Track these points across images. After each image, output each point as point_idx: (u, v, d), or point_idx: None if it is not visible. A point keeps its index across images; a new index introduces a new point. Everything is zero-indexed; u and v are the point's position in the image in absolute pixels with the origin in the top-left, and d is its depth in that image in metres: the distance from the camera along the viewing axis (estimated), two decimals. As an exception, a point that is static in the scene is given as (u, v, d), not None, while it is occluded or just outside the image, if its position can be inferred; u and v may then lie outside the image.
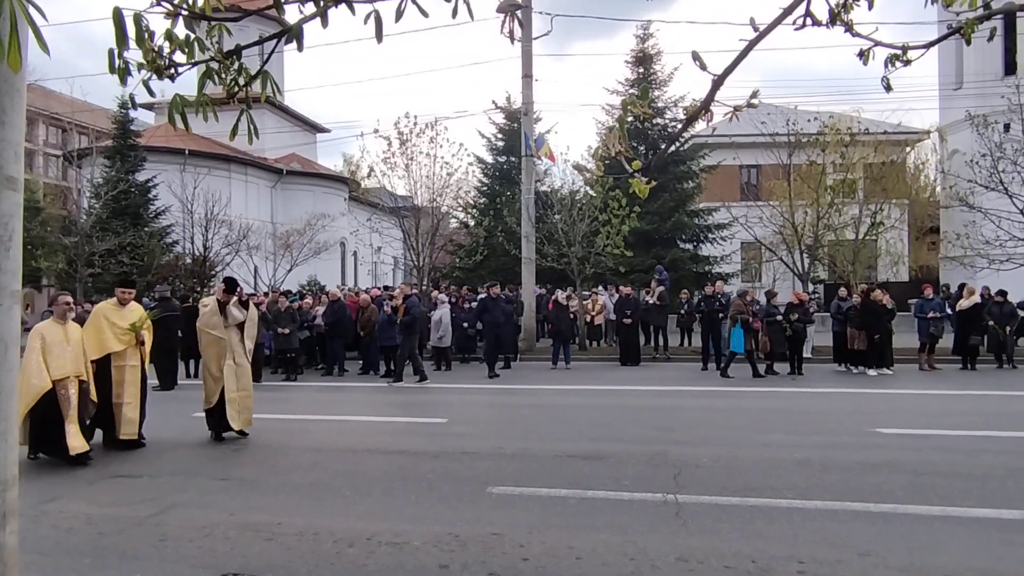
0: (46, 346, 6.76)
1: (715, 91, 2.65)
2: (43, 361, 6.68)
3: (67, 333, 7.01)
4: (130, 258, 23.65)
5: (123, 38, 2.12)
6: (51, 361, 6.72)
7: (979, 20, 2.65)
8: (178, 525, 5.09)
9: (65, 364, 6.84)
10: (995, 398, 11.10)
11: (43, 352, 6.72)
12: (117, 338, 7.60)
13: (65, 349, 6.88)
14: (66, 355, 6.86)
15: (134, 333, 7.68)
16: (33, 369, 6.63)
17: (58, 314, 7.10)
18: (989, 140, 17.92)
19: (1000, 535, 4.74)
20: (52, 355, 6.75)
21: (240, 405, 8.15)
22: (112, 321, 7.67)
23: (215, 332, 8.10)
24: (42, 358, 6.69)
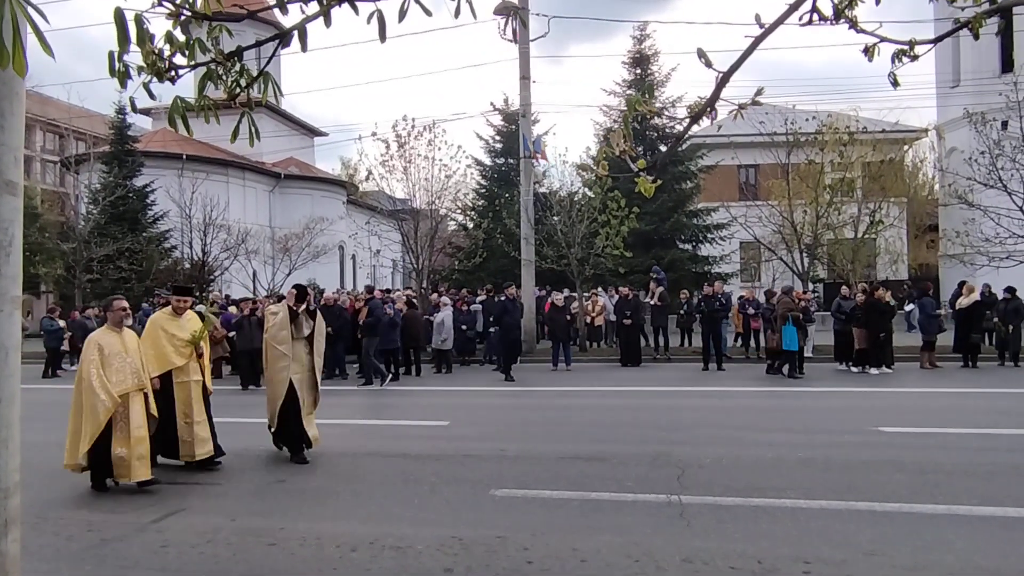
0: (104, 358, 6.05)
1: (721, 88, 2.63)
2: (103, 375, 5.98)
3: (124, 342, 6.28)
4: (128, 264, 23.64)
5: (125, 39, 2.11)
6: (111, 374, 6.01)
7: (987, 15, 2.64)
8: (180, 531, 5.07)
9: (126, 377, 6.13)
10: (997, 395, 11.09)
11: (101, 365, 6.01)
12: (178, 351, 6.85)
13: (124, 360, 6.17)
14: (126, 367, 6.16)
15: (194, 345, 6.95)
16: (97, 385, 5.93)
17: (113, 321, 6.35)
18: (987, 137, 17.91)
19: (1006, 533, 4.73)
20: (111, 368, 6.04)
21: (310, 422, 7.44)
22: (171, 333, 6.89)
23: (282, 347, 7.24)
24: (100, 372, 5.98)
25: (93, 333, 6.39)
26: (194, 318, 7.13)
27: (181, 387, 6.84)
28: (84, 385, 5.95)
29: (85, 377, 5.96)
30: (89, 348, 6.11)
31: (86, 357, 6.05)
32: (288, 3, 2.24)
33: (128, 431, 6.05)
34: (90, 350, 6.08)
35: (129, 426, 6.06)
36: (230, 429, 9.31)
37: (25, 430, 3.34)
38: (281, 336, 7.22)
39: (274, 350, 7.28)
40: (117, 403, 5.95)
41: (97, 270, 23.33)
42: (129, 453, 6.03)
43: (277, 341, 7.25)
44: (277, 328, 7.27)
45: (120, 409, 6.02)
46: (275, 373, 7.28)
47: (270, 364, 7.37)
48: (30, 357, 18.61)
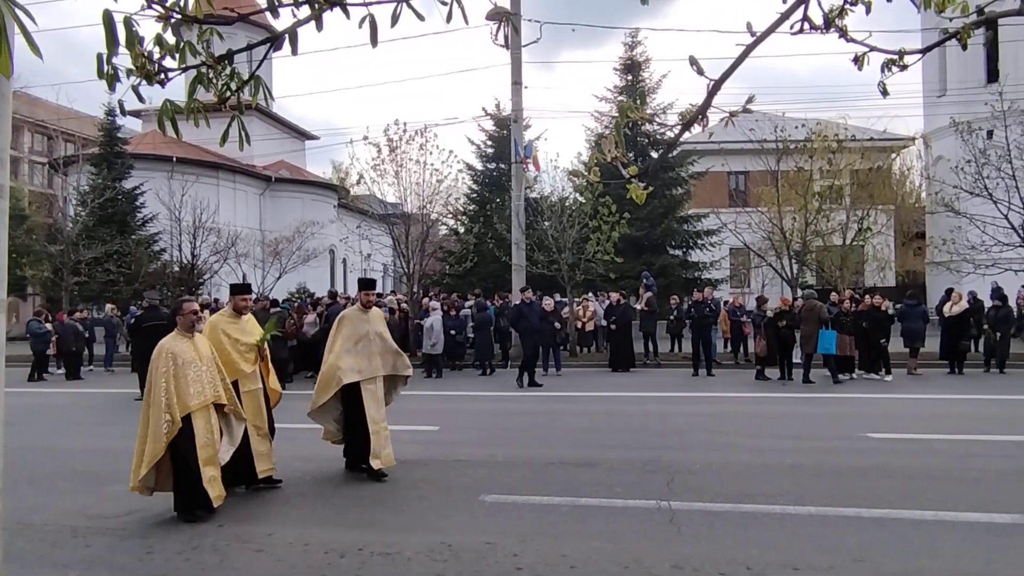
0: (177, 368, 5.35)
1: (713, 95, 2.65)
2: (173, 389, 5.31)
3: (197, 348, 5.58)
4: (117, 266, 23.48)
5: (113, 41, 2.09)
6: (186, 386, 5.34)
7: (974, 26, 2.67)
8: (166, 537, 5.02)
9: (203, 388, 5.44)
10: (983, 402, 11.18)
11: (174, 377, 5.32)
12: (243, 357, 6.10)
13: (199, 369, 5.48)
14: (202, 376, 5.46)
15: (259, 350, 6.26)
16: (164, 402, 5.26)
17: (185, 326, 5.59)
18: (973, 146, 18.13)
19: (992, 539, 4.76)
20: (186, 378, 5.35)
21: (383, 438, 6.71)
22: (234, 337, 6.11)
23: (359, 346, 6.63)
24: (173, 385, 5.31)
25: (164, 340, 5.54)
26: (251, 319, 6.47)
27: (250, 396, 6.16)
28: (152, 399, 5.33)
29: (155, 392, 5.33)
30: (161, 358, 5.38)
31: (157, 368, 5.36)
32: (279, 7, 2.24)
33: (209, 449, 5.45)
34: (162, 360, 5.36)
35: (210, 443, 5.46)
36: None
37: (10, 435, 3.30)
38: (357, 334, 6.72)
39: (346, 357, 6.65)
40: (179, 425, 5.26)
41: (85, 273, 23.15)
42: (215, 472, 5.46)
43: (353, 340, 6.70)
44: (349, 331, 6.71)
45: (199, 424, 5.40)
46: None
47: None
48: (16, 360, 18.43)
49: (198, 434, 5.37)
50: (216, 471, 5.51)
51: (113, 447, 8.39)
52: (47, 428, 10.03)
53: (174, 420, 5.24)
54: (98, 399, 13.31)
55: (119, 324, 19.09)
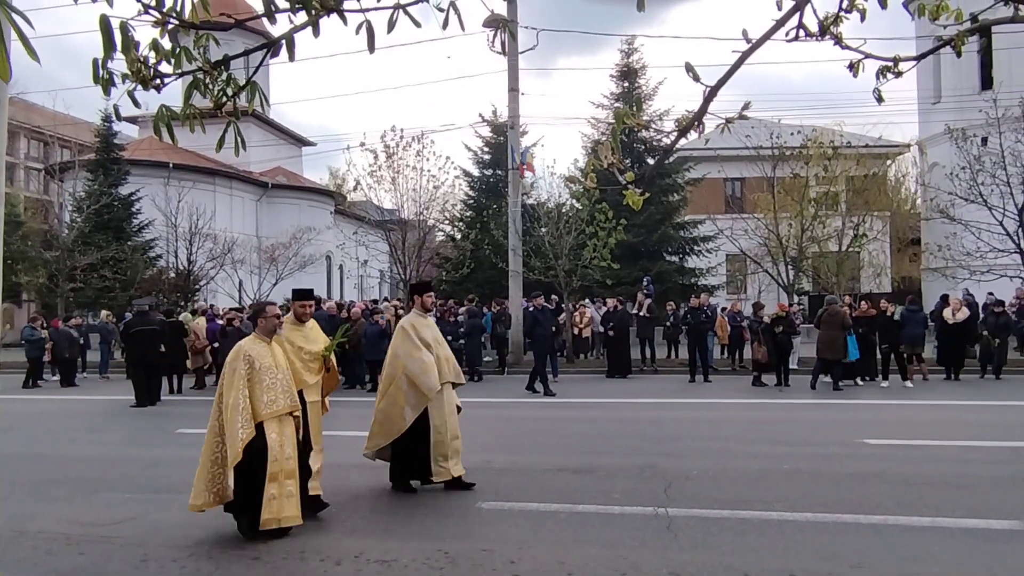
0: (255, 374, 5.00)
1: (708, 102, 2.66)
2: (250, 395, 4.96)
3: (274, 354, 5.22)
4: (112, 272, 23.42)
5: (110, 46, 2.09)
6: (261, 393, 4.98)
7: (968, 33, 2.69)
8: (161, 545, 4.99)
9: (277, 396, 5.05)
10: (980, 408, 11.19)
11: (251, 382, 4.99)
12: (306, 367, 5.64)
13: (275, 376, 5.10)
14: (277, 384, 5.08)
15: (323, 359, 5.78)
16: (241, 408, 4.89)
17: (265, 330, 5.27)
18: (968, 153, 18.24)
19: (990, 545, 4.76)
20: (262, 384, 5.00)
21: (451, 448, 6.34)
22: (297, 345, 5.64)
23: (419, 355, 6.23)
24: (249, 391, 4.96)
25: (242, 343, 5.23)
26: (315, 326, 6.05)
27: (312, 409, 5.74)
28: (228, 402, 4.94)
29: (231, 394, 4.94)
30: (237, 361, 5.03)
31: (234, 370, 4.99)
32: (276, 13, 2.24)
33: (280, 463, 4.99)
34: (238, 363, 5.02)
35: (280, 457, 5.01)
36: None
37: (3, 441, 3.29)
38: (416, 342, 6.30)
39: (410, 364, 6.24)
40: (252, 435, 4.88)
41: (80, 279, 23.08)
42: (279, 490, 4.98)
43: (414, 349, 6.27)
44: (409, 338, 6.32)
45: (273, 436, 4.97)
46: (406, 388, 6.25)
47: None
48: (11, 367, 18.36)
49: (269, 446, 4.95)
50: (285, 488, 5.00)
51: (108, 454, 8.36)
52: (41, 435, 9.98)
53: (250, 431, 4.87)
54: (93, 406, 13.25)
55: (114, 330, 19.03)
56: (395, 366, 6.29)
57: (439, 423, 6.24)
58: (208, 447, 5.05)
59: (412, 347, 6.25)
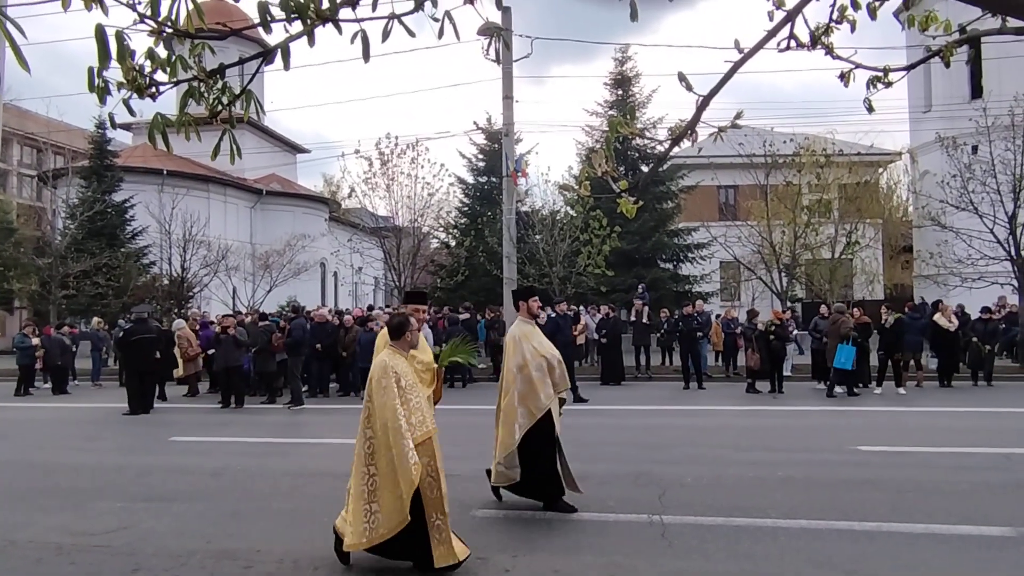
0: (401, 391, 4.46)
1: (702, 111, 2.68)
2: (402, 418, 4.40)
3: (414, 369, 4.78)
4: (105, 279, 23.31)
5: (105, 55, 2.10)
6: (410, 414, 4.45)
7: (957, 44, 2.73)
8: (153, 554, 4.95)
9: (425, 418, 4.55)
10: (972, 414, 11.24)
11: (401, 400, 4.44)
12: (419, 377, 5.05)
13: (420, 394, 4.63)
14: (422, 403, 4.61)
15: (437, 370, 5.29)
16: (402, 426, 4.34)
17: (407, 343, 4.78)
18: (958, 161, 18.39)
19: (982, 552, 4.77)
20: (409, 405, 4.47)
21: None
22: (411, 354, 5.17)
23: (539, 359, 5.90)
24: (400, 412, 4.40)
25: (383, 358, 4.67)
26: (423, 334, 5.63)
27: None
28: (385, 427, 4.36)
29: (385, 418, 4.37)
30: (387, 378, 4.47)
31: (384, 388, 4.45)
32: (272, 22, 2.25)
33: (436, 489, 4.52)
34: (388, 380, 4.46)
35: (436, 483, 4.53)
36: (210, 448, 9.19)
37: (-6, 450, 3.27)
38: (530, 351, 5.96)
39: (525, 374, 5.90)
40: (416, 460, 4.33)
41: (73, 286, 22.97)
42: (444, 520, 4.50)
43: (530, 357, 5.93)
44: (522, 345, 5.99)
45: (426, 460, 4.45)
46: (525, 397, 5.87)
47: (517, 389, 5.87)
48: (2, 374, 18.24)
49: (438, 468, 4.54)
50: (447, 517, 4.52)
51: (100, 462, 8.30)
52: (32, 443, 9.91)
53: (416, 457, 4.32)
54: (84, 414, 13.17)
55: (106, 337, 18.93)
56: (507, 380, 5.91)
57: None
58: (357, 478, 4.46)
59: (523, 360, 5.89)
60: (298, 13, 2.17)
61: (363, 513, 4.35)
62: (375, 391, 4.49)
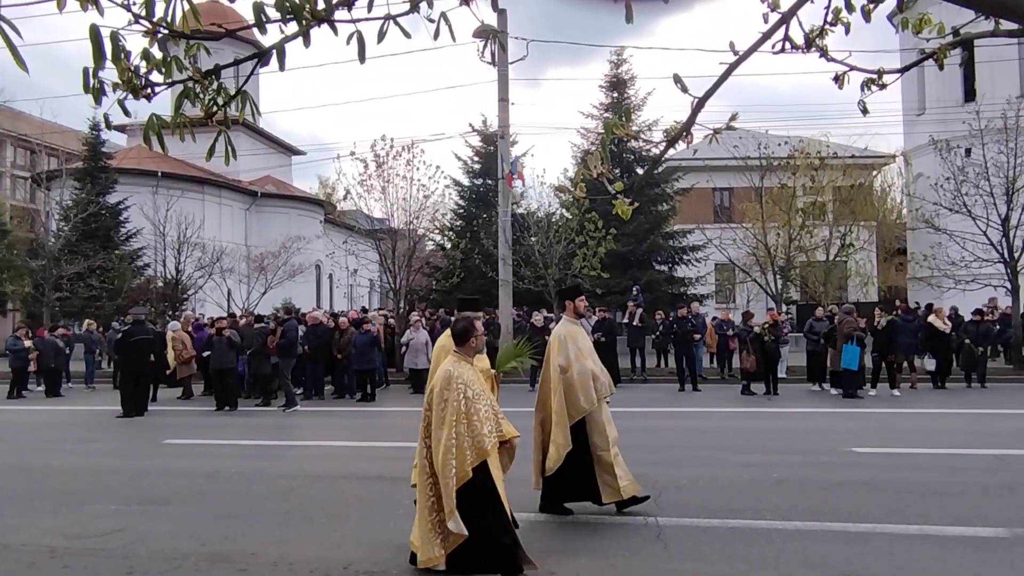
0: (469, 403, 4.34)
1: (697, 113, 2.69)
2: (465, 430, 4.30)
3: (479, 376, 4.64)
4: (99, 282, 23.20)
5: (100, 56, 2.09)
6: (479, 424, 4.33)
7: (951, 47, 2.74)
8: (147, 557, 4.93)
9: (493, 425, 4.48)
10: (966, 416, 11.29)
11: (467, 414, 4.32)
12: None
13: (487, 402, 4.52)
14: (491, 413, 4.51)
15: (494, 376, 5.30)
16: (453, 444, 4.26)
17: (472, 350, 4.65)
18: (952, 164, 18.46)
19: (977, 553, 4.79)
20: (479, 415, 4.35)
21: (621, 465, 5.77)
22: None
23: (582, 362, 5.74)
24: (465, 426, 4.31)
25: (449, 367, 4.50)
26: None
27: None
28: (438, 442, 4.29)
29: (440, 435, 4.29)
30: (450, 391, 4.34)
31: (445, 402, 4.33)
32: (267, 23, 2.25)
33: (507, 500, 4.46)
34: (452, 393, 4.33)
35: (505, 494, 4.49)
36: (204, 451, 9.15)
37: (-13, 453, 3.25)
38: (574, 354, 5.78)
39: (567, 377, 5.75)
40: (468, 476, 4.25)
41: (67, 288, 22.85)
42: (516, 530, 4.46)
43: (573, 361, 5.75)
44: (567, 346, 5.81)
45: (497, 471, 4.46)
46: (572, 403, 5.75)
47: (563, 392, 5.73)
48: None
49: (498, 481, 4.39)
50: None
51: (94, 465, 8.26)
52: (25, 446, 9.86)
53: (461, 468, 4.22)
54: (78, 416, 13.11)
55: (100, 340, 18.84)
56: (553, 381, 5.73)
57: (599, 440, 5.77)
58: (423, 490, 4.41)
59: (567, 361, 5.73)
60: (294, 14, 2.17)
61: (433, 526, 4.31)
62: (435, 405, 4.38)
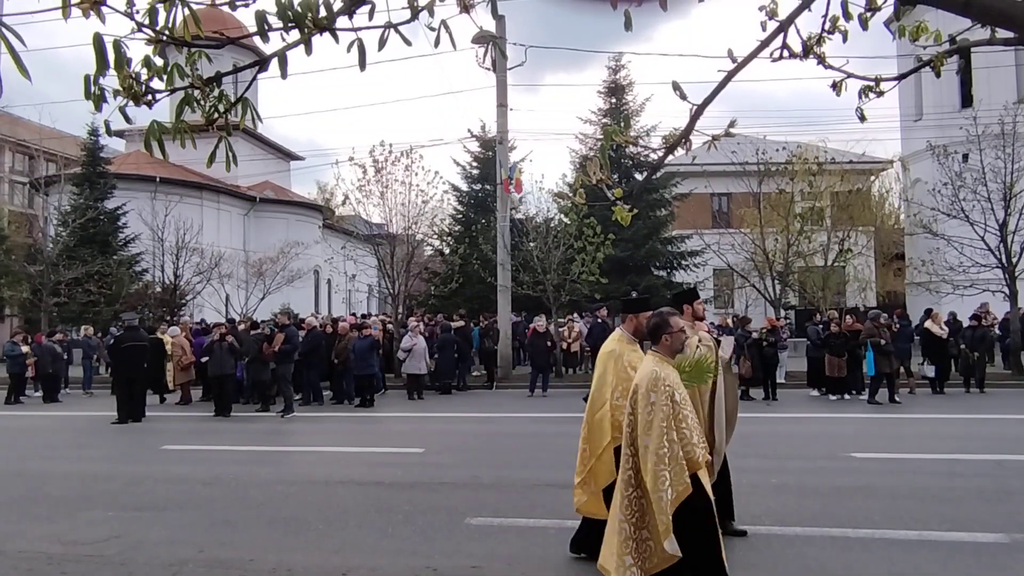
0: (676, 408, 3.79)
1: (695, 120, 2.70)
2: (676, 436, 3.75)
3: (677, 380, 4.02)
4: (98, 287, 23.16)
5: (102, 64, 2.10)
6: (689, 433, 3.81)
7: (947, 54, 2.76)
8: (145, 563, 4.92)
9: (701, 435, 3.99)
10: (965, 421, 11.28)
11: (675, 419, 3.76)
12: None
13: (693, 411, 4.01)
14: (696, 421, 3.99)
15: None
16: (668, 456, 3.71)
17: (672, 349, 4.09)
18: (949, 169, 18.52)
19: (976, 559, 4.78)
20: (687, 422, 3.83)
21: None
22: (635, 366, 4.57)
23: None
24: (675, 433, 3.76)
25: (652, 367, 3.93)
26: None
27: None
28: (647, 449, 3.76)
29: (647, 443, 3.76)
30: (656, 392, 3.79)
31: (652, 405, 3.78)
32: (269, 31, 2.26)
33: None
34: (659, 395, 3.78)
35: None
36: (202, 457, 9.13)
37: (-15, 459, 3.24)
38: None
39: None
40: (689, 489, 3.72)
41: (65, 293, 22.81)
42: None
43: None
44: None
45: (707, 485, 3.92)
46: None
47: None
48: (-8, 383, 18.06)
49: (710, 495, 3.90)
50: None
51: (91, 471, 8.24)
52: (22, 452, 9.82)
53: (679, 481, 3.70)
54: (76, 422, 13.07)
55: (97, 345, 18.80)
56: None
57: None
58: (625, 505, 3.88)
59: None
60: (296, 22, 2.18)
61: (637, 545, 3.82)
62: (640, 409, 3.83)
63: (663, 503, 3.64)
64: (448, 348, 16.14)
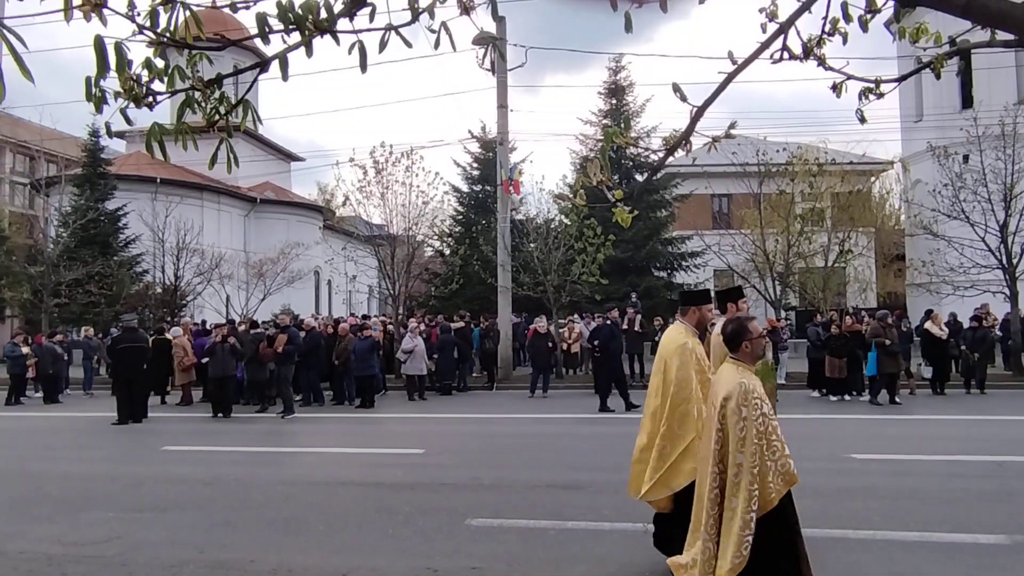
0: (766, 420, 3.65)
1: (696, 122, 2.70)
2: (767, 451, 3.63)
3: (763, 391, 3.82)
4: (98, 288, 23.17)
5: (104, 66, 2.10)
6: (781, 446, 3.70)
7: (947, 56, 2.76)
8: (145, 564, 4.92)
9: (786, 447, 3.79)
10: (965, 422, 11.27)
11: (766, 434, 3.63)
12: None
13: (777, 424, 3.80)
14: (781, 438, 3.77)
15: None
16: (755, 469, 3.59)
17: (753, 355, 3.90)
18: (950, 171, 18.52)
19: (976, 560, 4.78)
20: (777, 433, 3.71)
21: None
22: (702, 359, 4.59)
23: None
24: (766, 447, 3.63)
25: (740, 379, 3.70)
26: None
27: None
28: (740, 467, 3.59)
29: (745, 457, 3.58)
30: (747, 406, 3.60)
31: (744, 419, 3.59)
32: (270, 33, 2.26)
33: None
34: (750, 409, 3.60)
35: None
36: (202, 457, 9.13)
37: (-14, 460, 3.25)
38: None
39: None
40: (773, 505, 3.63)
41: (65, 294, 22.83)
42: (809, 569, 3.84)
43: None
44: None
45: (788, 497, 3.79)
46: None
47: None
48: (-8, 383, 18.06)
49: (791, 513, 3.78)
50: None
51: (91, 472, 8.25)
52: (23, 452, 9.83)
53: (765, 498, 3.60)
54: (76, 423, 13.07)
55: (98, 346, 18.81)
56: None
57: None
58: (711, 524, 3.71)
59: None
60: (296, 24, 2.19)
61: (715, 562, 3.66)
62: (731, 423, 3.62)
63: (747, 519, 3.51)
64: (448, 349, 16.15)
